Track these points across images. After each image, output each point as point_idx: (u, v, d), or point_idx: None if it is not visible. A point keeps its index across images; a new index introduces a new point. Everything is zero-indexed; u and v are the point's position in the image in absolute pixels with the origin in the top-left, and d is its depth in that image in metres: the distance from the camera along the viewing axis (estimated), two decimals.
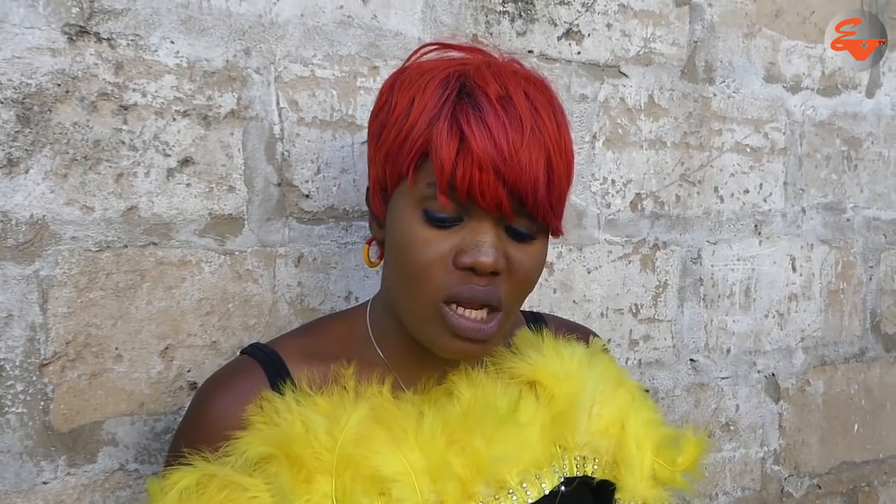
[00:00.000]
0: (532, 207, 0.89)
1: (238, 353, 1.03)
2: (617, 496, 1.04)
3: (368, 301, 1.06)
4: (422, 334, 0.93)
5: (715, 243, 1.73)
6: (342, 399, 0.91)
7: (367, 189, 1.02)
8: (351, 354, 0.98)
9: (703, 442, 1.13)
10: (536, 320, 1.15)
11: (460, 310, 0.90)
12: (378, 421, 0.90)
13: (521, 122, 0.88)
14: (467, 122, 0.87)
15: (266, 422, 0.89)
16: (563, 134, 0.92)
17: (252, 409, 0.90)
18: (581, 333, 1.16)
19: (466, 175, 0.86)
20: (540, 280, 1.48)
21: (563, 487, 0.99)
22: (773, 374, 1.85)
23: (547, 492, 0.98)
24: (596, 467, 1.03)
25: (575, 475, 1.01)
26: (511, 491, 0.95)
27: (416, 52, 1.01)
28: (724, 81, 1.72)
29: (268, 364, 0.96)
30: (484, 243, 0.88)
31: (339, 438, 0.87)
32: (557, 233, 0.96)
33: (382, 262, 1.02)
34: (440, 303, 0.90)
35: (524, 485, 0.96)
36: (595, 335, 1.19)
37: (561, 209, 0.93)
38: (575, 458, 1.02)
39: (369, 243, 1.04)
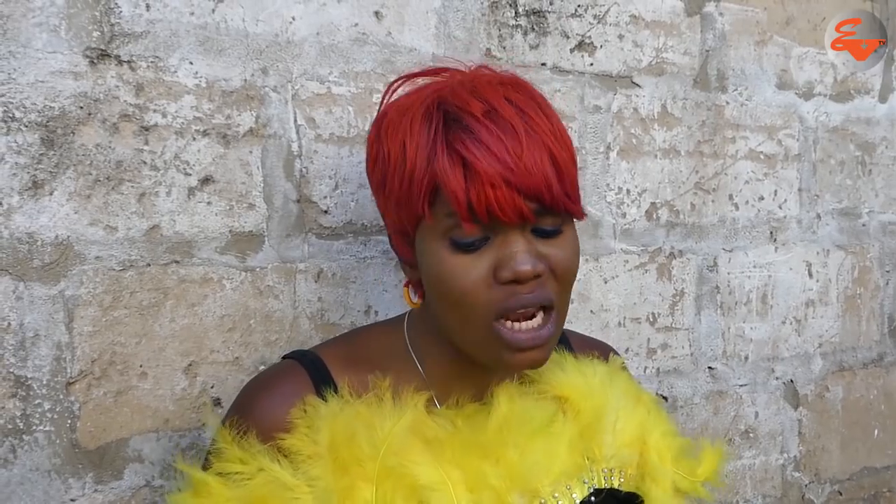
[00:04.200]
0: (551, 204, 0.90)
1: (281, 358, 1.05)
2: None
3: (405, 316, 1.07)
4: (482, 356, 0.95)
5: (731, 251, 1.74)
6: (382, 409, 0.92)
7: (389, 237, 1.04)
8: (390, 366, 0.99)
9: (721, 451, 1.15)
10: (559, 338, 1.16)
11: (515, 325, 0.91)
12: (415, 432, 0.92)
13: (513, 129, 0.89)
14: (464, 146, 0.88)
15: (310, 425, 0.91)
16: (553, 122, 0.93)
17: (297, 412, 0.92)
18: (601, 350, 1.18)
19: (481, 197, 0.87)
20: None
21: (592, 498, 1.00)
22: (792, 381, 1.85)
23: (578, 502, 0.99)
24: (622, 480, 1.05)
25: (603, 487, 1.03)
26: (543, 501, 0.96)
27: (386, 91, 1.03)
28: (736, 89, 1.72)
29: (312, 369, 0.98)
30: (517, 253, 0.90)
31: (380, 448, 0.89)
32: (581, 216, 0.97)
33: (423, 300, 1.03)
34: (492, 322, 0.91)
35: (556, 495, 0.97)
36: (615, 352, 1.20)
37: (577, 194, 0.94)
38: (602, 471, 1.03)
39: (406, 286, 1.04)
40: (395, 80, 1.03)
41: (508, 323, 0.91)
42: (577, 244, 0.97)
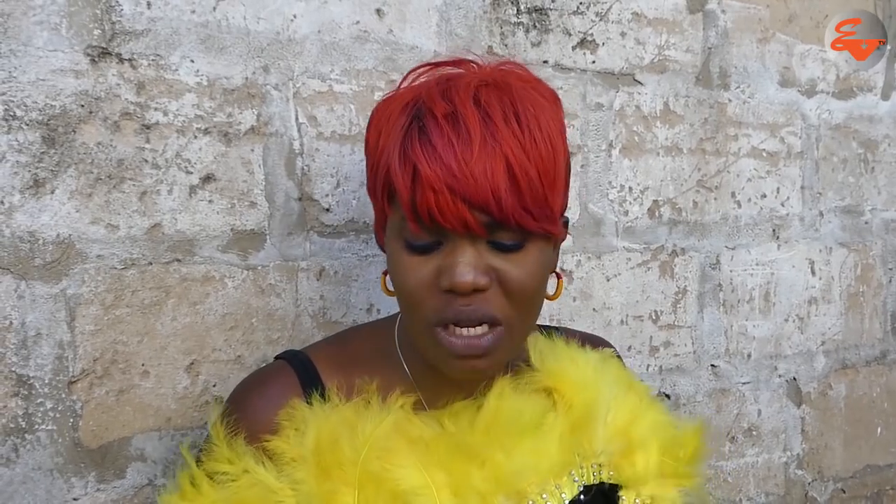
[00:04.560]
0: (501, 218, 0.85)
1: (273, 359, 1.04)
2: (620, 494, 1.04)
3: (397, 315, 1.06)
4: (428, 356, 0.94)
5: (733, 248, 1.73)
6: (367, 412, 0.92)
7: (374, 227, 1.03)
8: (379, 367, 0.99)
9: (700, 429, 1.13)
10: (549, 332, 1.15)
11: (455, 329, 0.89)
12: (400, 434, 0.91)
13: (469, 135, 0.85)
14: (414, 147, 0.86)
15: (297, 428, 0.91)
16: (528, 132, 0.87)
17: (283, 414, 0.92)
18: (593, 343, 1.16)
19: (423, 200, 0.85)
20: None
21: (582, 497, 1.00)
22: (795, 379, 1.85)
23: (567, 501, 0.98)
24: (611, 473, 1.04)
25: (592, 483, 1.02)
26: (531, 502, 0.95)
27: (405, 77, 0.99)
28: (739, 87, 1.72)
29: (301, 371, 0.98)
30: (458, 263, 0.86)
31: (362, 451, 0.88)
32: (553, 236, 0.92)
33: None
34: (433, 326, 0.89)
35: (544, 496, 0.96)
36: (609, 345, 1.19)
37: (544, 212, 0.88)
38: (592, 466, 1.02)
39: (385, 274, 1.04)
40: (419, 67, 1.00)
41: (449, 327, 0.89)
42: (540, 264, 0.91)
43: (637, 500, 1.04)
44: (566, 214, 0.99)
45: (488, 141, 0.85)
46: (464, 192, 0.84)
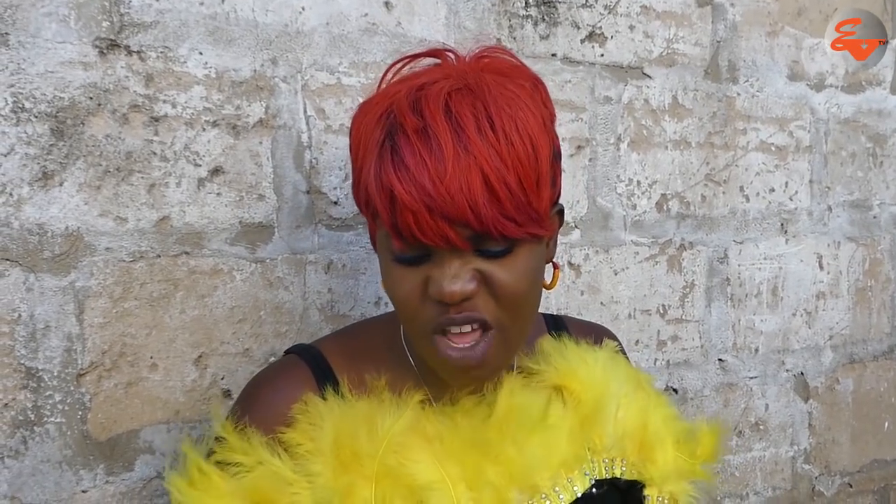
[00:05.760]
0: (481, 230, 0.84)
1: (284, 354, 1.04)
2: (646, 492, 1.05)
3: None
4: (428, 363, 0.95)
5: (741, 243, 1.73)
6: (382, 406, 0.92)
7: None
8: (387, 362, 0.99)
9: (718, 430, 1.14)
10: (557, 325, 1.15)
11: (450, 341, 0.89)
12: (416, 430, 0.91)
13: (441, 151, 0.83)
14: (387, 170, 0.85)
15: (312, 422, 0.90)
16: (507, 139, 0.85)
17: (298, 408, 0.92)
18: (597, 333, 1.17)
19: (403, 221, 0.84)
20: (567, 282, 1.49)
21: (594, 490, 1.00)
22: (802, 373, 1.84)
23: (579, 495, 0.98)
24: (624, 469, 1.05)
25: (604, 477, 1.02)
26: (544, 496, 0.96)
27: (384, 74, 0.97)
28: (747, 81, 1.71)
29: (314, 365, 0.98)
30: (445, 275, 0.86)
31: (380, 446, 0.88)
32: (541, 235, 0.90)
33: None
34: (430, 334, 0.90)
35: (556, 489, 0.97)
36: (612, 335, 1.20)
37: (528, 216, 0.87)
38: (603, 461, 1.03)
39: None
40: (397, 61, 0.98)
41: (445, 339, 0.89)
42: (530, 265, 0.90)
43: (659, 497, 1.05)
44: (560, 203, 0.99)
45: (461, 154, 0.83)
46: (441, 209, 0.83)
